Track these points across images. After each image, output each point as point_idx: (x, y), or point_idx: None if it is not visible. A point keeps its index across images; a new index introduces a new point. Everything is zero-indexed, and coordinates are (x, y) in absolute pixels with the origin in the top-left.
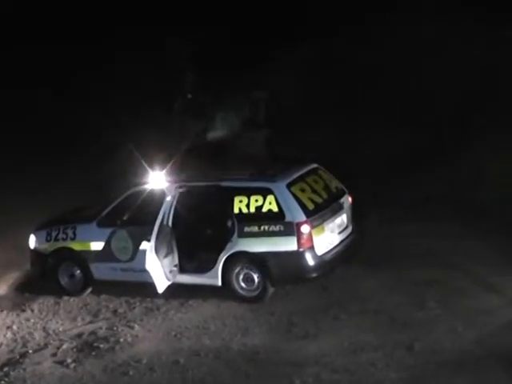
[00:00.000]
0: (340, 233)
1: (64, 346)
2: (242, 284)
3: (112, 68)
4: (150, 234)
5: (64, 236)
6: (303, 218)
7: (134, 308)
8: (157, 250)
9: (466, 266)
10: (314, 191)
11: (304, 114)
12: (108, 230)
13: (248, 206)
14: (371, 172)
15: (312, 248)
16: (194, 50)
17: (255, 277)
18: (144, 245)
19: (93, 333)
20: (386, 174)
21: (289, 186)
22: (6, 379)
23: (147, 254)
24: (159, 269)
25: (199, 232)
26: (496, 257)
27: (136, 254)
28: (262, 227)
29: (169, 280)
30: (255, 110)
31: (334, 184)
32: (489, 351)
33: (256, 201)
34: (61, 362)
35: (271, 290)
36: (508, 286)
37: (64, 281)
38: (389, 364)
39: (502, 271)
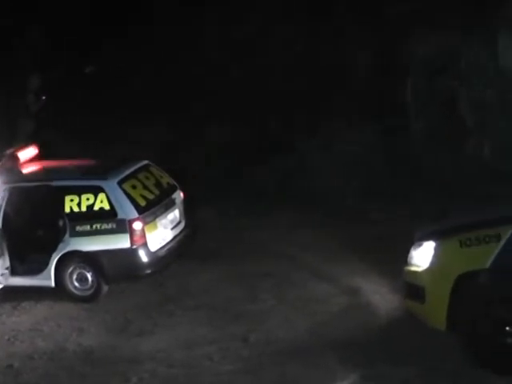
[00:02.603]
0: (173, 228)
1: None
2: (76, 284)
3: None
4: None
5: None
6: (135, 214)
7: None
8: None
9: (300, 256)
10: (146, 188)
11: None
12: None
13: (79, 204)
14: (206, 166)
15: (145, 245)
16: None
17: (89, 276)
18: None
19: None
20: (219, 167)
21: (120, 183)
22: None
23: None
24: None
25: (31, 233)
26: (329, 246)
27: None
28: (94, 226)
29: (0, 283)
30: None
31: (166, 180)
32: (321, 339)
33: (87, 199)
34: None
35: (105, 288)
36: (340, 274)
37: None
38: (225, 356)
39: (335, 260)
